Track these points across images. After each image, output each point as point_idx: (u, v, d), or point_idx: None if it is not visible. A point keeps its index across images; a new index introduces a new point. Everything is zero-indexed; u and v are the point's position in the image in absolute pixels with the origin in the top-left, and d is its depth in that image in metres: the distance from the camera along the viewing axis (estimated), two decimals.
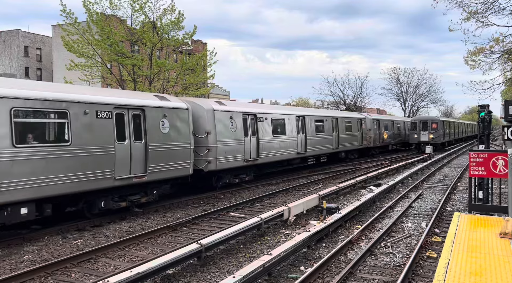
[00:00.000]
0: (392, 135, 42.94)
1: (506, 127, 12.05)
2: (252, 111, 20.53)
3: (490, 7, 20.96)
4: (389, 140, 41.87)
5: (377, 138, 37.63)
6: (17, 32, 63.32)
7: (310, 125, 25.65)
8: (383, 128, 39.53)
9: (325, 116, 28.27)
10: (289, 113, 24.13)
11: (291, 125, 23.49)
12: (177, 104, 16.05)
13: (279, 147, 22.07)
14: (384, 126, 39.85)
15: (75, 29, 24.56)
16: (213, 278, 8.75)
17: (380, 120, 39.28)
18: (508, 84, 31.47)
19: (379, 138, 38.10)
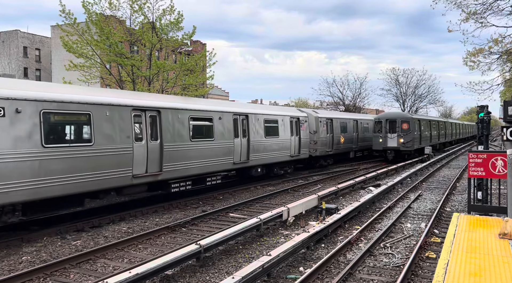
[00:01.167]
0: (354, 139, 33.67)
1: (505, 127, 12.07)
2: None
3: (489, 8, 20.99)
4: (349, 146, 32.79)
5: (329, 143, 28.90)
6: (16, 33, 63.30)
7: (173, 125, 15.72)
8: (340, 129, 30.89)
9: (217, 111, 17.94)
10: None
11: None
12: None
13: None
14: (341, 127, 31.18)
15: (74, 30, 24.52)
16: (212, 279, 8.74)
17: (334, 119, 30.20)
18: (507, 85, 31.52)
19: (332, 143, 29.37)
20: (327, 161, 29.35)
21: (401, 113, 37.15)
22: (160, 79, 28.55)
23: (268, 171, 22.54)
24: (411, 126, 32.34)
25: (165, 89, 28.86)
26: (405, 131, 32.25)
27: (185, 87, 30.04)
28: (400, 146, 32.00)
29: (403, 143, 31.99)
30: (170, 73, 30.80)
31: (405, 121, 32.69)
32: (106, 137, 12.91)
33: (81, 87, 17.08)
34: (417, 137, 33.66)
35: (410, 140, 32.08)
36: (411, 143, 32.22)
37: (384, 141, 32.40)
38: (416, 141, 33.44)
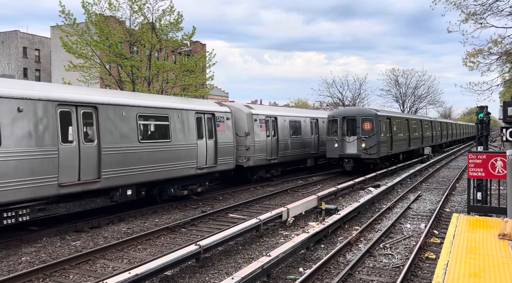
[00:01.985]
0: (312, 142, 26.81)
1: (505, 128, 12.08)
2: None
3: (489, 9, 21.00)
4: (304, 151, 25.90)
5: (271, 149, 22.26)
6: (15, 33, 63.29)
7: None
8: (290, 131, 24.39)
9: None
10: None
11: None
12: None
13: None
14: (292, 128, 24.57)
15: (74, 30, 24.52)
16: (212, 279, 8.73)
17: (279, 117, 23.39)
18: (507, 85, 31.54)
19: (277, 149, 22.80)
20: (270, 172, 22.91)
21: (362, 109, 28.66)
22: (159, 79, 28.56)
23: (154, 192, 15.70)
24: (375, 126, 24.29)
25: (165, 90, 28.87)
26: (368, 132, 24.26)
27: (185, 87, 30.05)
28: (361, 153, 24.04)
29: (365, 149, 23.98)
30: (169, 74, 30.82)
31: (367, 119, 24.55)
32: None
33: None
34: (385, 141, 25.57)
35: (374, 144, 23.92)
36: (375, 149, 23.97)
37: (341, 147, 24.59)
38: (384, 145, 25.29)
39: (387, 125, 26.56)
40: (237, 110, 20.74)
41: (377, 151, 24.19)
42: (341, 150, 24.70)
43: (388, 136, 26.54)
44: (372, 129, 24.35)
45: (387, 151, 26.08)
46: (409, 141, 31.87)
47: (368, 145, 24.07)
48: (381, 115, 25.65)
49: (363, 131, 24.44)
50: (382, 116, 25.74)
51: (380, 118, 25.23)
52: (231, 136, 18.96)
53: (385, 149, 25.50)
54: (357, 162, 24.91)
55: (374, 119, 24.65)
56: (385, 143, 25.72)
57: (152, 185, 15.34)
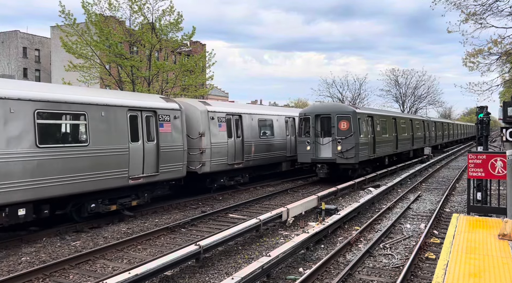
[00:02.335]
0: (288, 144, 23.81)
1: (505, 128, 12.08)
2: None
3: (489, 9, 21.00)
4: (278, 155, 22.80)
5: (234, 152, 19.22)
6: (15, 33, 63.31)
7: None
8: (259, 131, 21.35)
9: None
10: None
11: None
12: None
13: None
14: (261, 128, 21.60)
15: (74, 30, 24.55)
16: (212, 279, 8.73)
17: (245, 115, 20.38)
18: (507, 85, 31.57)
19: (242, 152, 19.81)
20: (234, 179, 19.91)
21: (337, 105, 24.85)
22: (159, 79, 28.59)
23: (68, 208, 12.60)
24: (353, 125, 20.83)
25: (165, 90, 28.89)
26: (345, 132, 20.89)
27: (185, 87, 30.08)
28: (337, 157, 20.79)
29: (340, 153, 20.65)
30: (169, 74, 30.84)
31: (343, 117, 21.07)
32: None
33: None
34: (365, 143, 22.04)
35: (351, 147, 20.59)
36: (353, 152, 20.61)
37: (314, 150, 21.25)
38: (364, 148, 21.80)
39: (369, 125, 23.22)
40: (190, 107, 17.59)
41: (355, 154, 20.71)
42: (314, 154, 21.30)
43: (370, 137, 23.05)
44: (350, 129, 20.84)
45: (368, 154, 22.39)
46: (396, 142, 28.23)
47: (344, 148, 20.64)
48: (360, 113, 22.14)
49: (339, 131, 20.98)
50: (362, 114, 22.35)
51: (360, 116, 21.77)
52: (180, 138, 15.78)
53: (365, 153, 21.96)
54: (332, 167, 21.55)
55: (351, 117, 21.01)
56: (366, 145, 22.17)
57: (66, 200, 12.30)
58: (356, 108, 22.77)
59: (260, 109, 24.32)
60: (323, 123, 21.69)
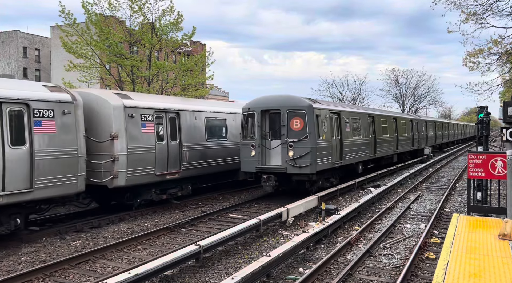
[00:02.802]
0: (236, 149, 18.49)
1: (505, 128, 12.07)
2: None
3: (489, 9, 20.99)
4: (225, 161, 18.70)
5: (162, 160, 15.19)
6: (15, 33, 63.32)
7: None
8: (201, 132, 17.47)
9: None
10: None
11: None
12: None
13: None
14: (206, 128, 17.75)
15: (74, 30, 24.55)
16: (212, 279, 8.73)
17: (183, 112, 16.50)
18: (507, 85, 31.57)
19: (179, 159, 15.99)
20: (168, 191, 15.93)
21: (289, 98, 17.20)
22: (159, 79, 28.57)
23: None
24: (308, 124, 16.08)
25: (165, 90, 28.89)
26: (298, 133, 16.14)
27: (185, 87, 30.08)
28: (288, 165, 16.02)
29: (292, 160, 15.92)
30: (169, 74, 30.83)
31: (296, 113, 16.32)
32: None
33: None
34: (327, 147, 17.22)
35: (306, 152, 15.85)
36: (308, 159, 15.86)
37: (260, 155, 16.53)
38: (325, 154, 16.98)
39: (333, 124, 18.26)
40: (97, 100, 13.82)
41: (310, 162, 15.83)
42: (260, 161, 16.49)
43: (335, 140, 18.26)
44: (304, 129, 16.00)
45: (331, 161, 17.63)
46: (374, 146, 23.45)
47: (297, 154, 15.86)
48: (320, 108, 17.07)
49: (290, 131, 16.10)
50: (322, 110, 17.21)
51: (319, 112, 16.78)
52: (72, 140, 11.96)
53: (327, 159, 17.11)
54: (283, 179, 16.57)
55: (306, 114, 16.07)
56: (328, 150, 17.26)
57: None
58: (315, 101, 17.62)
59: (209, 105, 19.60)
60: (273, 121, 16.73)
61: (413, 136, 32.76)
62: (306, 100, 16.90)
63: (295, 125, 16.27)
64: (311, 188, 17.00)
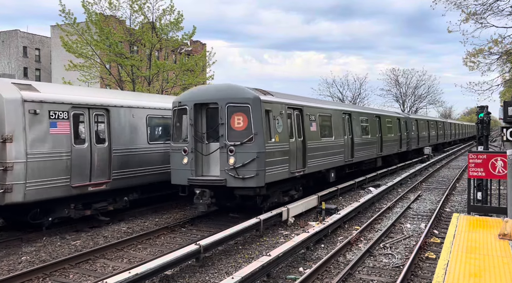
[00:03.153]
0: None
1: (505, 128, 12.08)
2: None
3: (489, 9, 21.03)
4: (164, 168, 14.72)
5: (79, 168, 12.03)
6: (15, 33, 63.37)
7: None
8: (141, 133, 14.45)
9: None
10: None
11: None
12: None
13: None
14: (150, 127, 14.86)
15: (74, 30, 24.59)
16: (212, 279, 8.73)
17: (115, 109, 13.42)
18: (507, 85, 31.59)
19: (108, 167, 12.98)
20: (93, 207, 12.85)
21: (229, 89, 13.43)
22: (160, 79, 28.59)
23: None
24: (254, 122, 12.58)
25: (165, 89, 28.91)
26: (240, 134, 12.68)
27: (185, 87, 30.09)
28: (228, 177, 12.54)
29: (233, 169, 12.47)
30: (170, 73, 30.85)
31: (238, 107, 12.77)
32: None
33: None
34: (282, 151, 13.61)
35: (251, 159, 12.37)
36: (254, 168, 12.39)
37: (193, 163, 13.02)
38: (280, 161, 13.45)
39: (293, 122, 14.59)
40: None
41: (257, 171, 12.26)
42: (195, 171, 12.81)
43: (295, 142, 14.49)
44: (249, 128, 12.38)
45: (289, 169, 13.93)
46: (351, 148, 19.81)
47: (240, 161, 12.27)
48: (270, 102, 13.20)
49: (231, 132, 12.51)
50: (274, 103, 13.41)
51: (269, 106, 13.04)
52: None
53: (282, 167, 13.40)
54: (223, 194, 13.07)
55: (251, 109, 12.39)
56: (283, 155, 13.50)
57: None
58: (265, 93, 13.61)
59: (153, 99, 15.91)
60: (211, 118, 13.04)
61: (401, 136, 29.17)
62: (251, 91, 12.91)
63: (237, 123, 12.54)
64: (262, 205, 13.44)
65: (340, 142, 18.60)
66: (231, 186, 12.55)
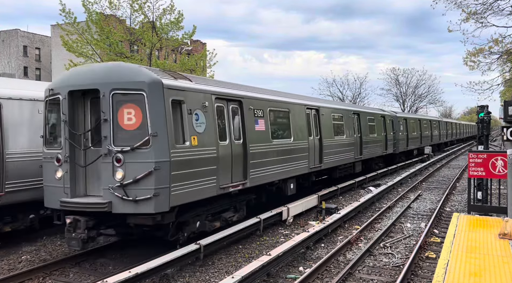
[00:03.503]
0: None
1: (506, 127, 12.08)
2: None
3: (489, 8, 21.04)
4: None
5: None
6: (16, 32, 63.35)
7: None
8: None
9: None
10: None
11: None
12: None
13: None
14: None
15: (74, 29, 24.59)
16: (212, 278, 8.73)
17: (7, 102, 9.94)
18: (507, 85, 31.57)
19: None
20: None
21: (113, 68, 9.35)
22: None
23: None
24: (152, 118, 8.50)
25: None
26: (132, 136, 8.53)
27: None
28: (115, 198, 8.38)
29: (121, 187, 8.30)
30: None
31: (128, 96, 8.63)
32: None
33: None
34: (198, 161, 9.43)
35: (148, 171, 8.33)
36: (151, 185, 8.30)
37: (68, 179, 8.93)
38: (195, 173, 9.33)
39: (224, 119, 11.00)
40: None
41: (156, 191, 8.46)
42: (69, 189, 9.02)
43: (229, 146, 10.95)
44: (143, 127, 8.61)
45: (218, 184, 10.26)
46: (319, 152, 16.38)
47: (131, 175, 8.46)
48: (181, 89, 9.44)
49: (119, 132, 8.68)
50: (189, 91, 9.65)
51: (181, 96, 9.34)
52: None
53: (205, 182, 9.75)
54: (114, 222, 9.31)
55: (147, 98, 8.60)
56: (208, 165, 9.88)
57: None
58: (175, 76, 9.80)
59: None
60: (91, 111, 9.42)
61: (386, 137, 25.85)
62: (148, 73, 9.01)
63: (127, 119, 8.64)
64: (175, 237, 9.65)
65: (302, 145, 14.96)
66: (118, 211, 8.54)
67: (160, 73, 9.48)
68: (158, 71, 9.63)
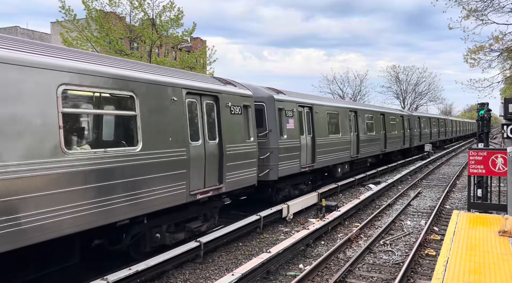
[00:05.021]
0: None
1: (506, 125, 12.07)
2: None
3: (490, 5, 20.99)
4: None
5: None
6: (15, 29, 63.27)
7: None
8: None
9: None
10: None
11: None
12: None
13: None
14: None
15: (74, 26, 24.52)
16: (212, 275, 8.74)
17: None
18: (508, 82, 31.53)
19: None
20: None
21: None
22: None
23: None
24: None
25: None
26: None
27: None
28: None
29: None
30: None
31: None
32: None
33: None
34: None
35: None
36: None
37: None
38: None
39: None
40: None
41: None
42: None
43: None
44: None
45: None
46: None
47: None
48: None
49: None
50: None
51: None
52: None
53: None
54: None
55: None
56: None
57: None
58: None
59: None
60: None
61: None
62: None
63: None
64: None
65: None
66: None
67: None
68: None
